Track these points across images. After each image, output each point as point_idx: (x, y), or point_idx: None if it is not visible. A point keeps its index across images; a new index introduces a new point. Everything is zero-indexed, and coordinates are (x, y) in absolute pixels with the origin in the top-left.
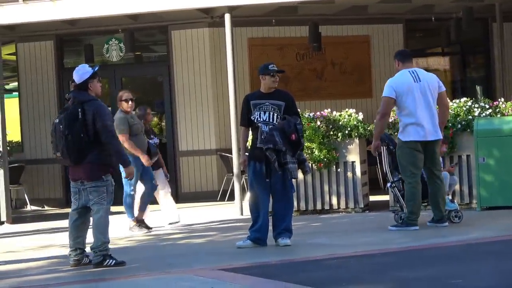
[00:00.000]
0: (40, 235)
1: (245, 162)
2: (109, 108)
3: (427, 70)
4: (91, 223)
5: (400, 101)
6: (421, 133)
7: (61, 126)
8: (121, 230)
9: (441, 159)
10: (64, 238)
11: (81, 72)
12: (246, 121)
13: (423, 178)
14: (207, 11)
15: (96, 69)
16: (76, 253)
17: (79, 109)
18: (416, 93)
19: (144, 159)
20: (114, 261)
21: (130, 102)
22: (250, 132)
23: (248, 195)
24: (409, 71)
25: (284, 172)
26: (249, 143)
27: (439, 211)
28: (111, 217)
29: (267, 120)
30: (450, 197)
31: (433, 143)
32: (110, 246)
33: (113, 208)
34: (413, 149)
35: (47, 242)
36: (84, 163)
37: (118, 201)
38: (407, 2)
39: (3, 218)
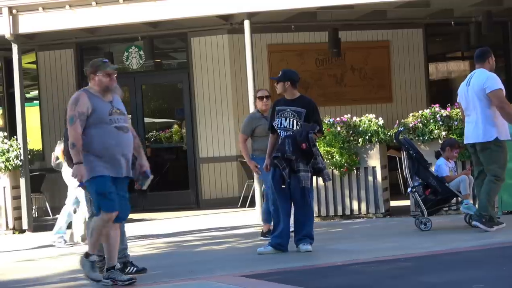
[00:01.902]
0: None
1: (267, 167)
2: (129, 116)
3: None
4: None
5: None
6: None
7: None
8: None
9: (453, 163)
10: (84, 246)
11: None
12: (271, 127)
13: (444, 185)
14: (226, 18)
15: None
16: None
17: None
18: None
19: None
20: (135, 268)
21: (264, 100)
22: None
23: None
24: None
25: (298, 180)
26: None
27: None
28: (131, 225)
29: (287, 126)
30: (471, 201)
31: None
32: (130, 253)
33: (135, 216)
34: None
35: (67, 250)
36: None
37: (139, 209)
38: (426, 7)
39: (25, 227)
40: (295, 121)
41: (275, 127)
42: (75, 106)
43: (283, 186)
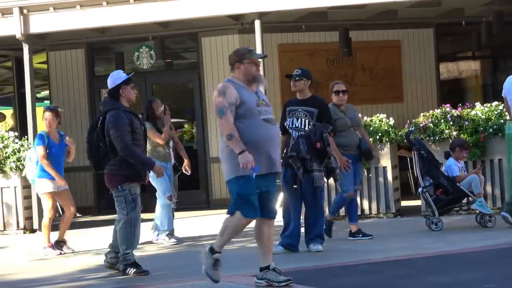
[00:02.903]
0: (71, 243)
1: None
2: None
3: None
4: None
5: None
6: None
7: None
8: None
9: (463, 163)
10: (94, 246)
11: (114, 77)
12: (282, 127)
13: (456, 185)
14: (237, 17)
15: (130, 76)
16: (110, 256)
17: (101, 118)
18: None
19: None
20: (134, 269)
21: (340, 94)
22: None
23: (279, 200)
24: None
25: (310, 179)
26: None
27: None
28: (141, 224)
29: (299, 126)
30: (482, 199)
31: None
32: (140, 253)
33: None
34: None
35: (78, 249)
36: (105, 172)
37: (150, 208)
38: (437, 7)
39: (36, 226)
40: (307, 121)
41: (287, 127)
42: (223, 96)
43: (294, 186)
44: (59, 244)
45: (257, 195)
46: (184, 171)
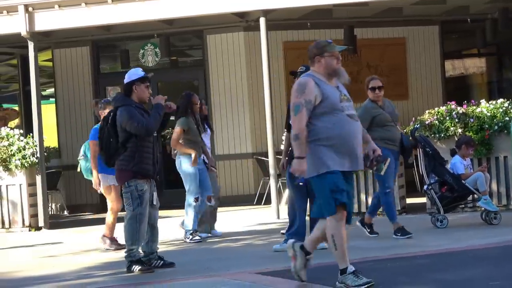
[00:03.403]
0: (77, 240)
1: (283, 166)
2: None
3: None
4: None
5: None
6: None
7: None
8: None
9: (469, 161)
10: (100, 243)
11: (131, 73)
12: (287, 125)
13: (461, 182)
14: (242, 15)
15: (147, 75)
16: (143, 255)
17: (111, 114)
18: None
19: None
20: (139, 267)
21: (376, 91)
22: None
23: (284, 198)
24: None
25: None
26: None
27: None
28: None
29: None
30: (488, 197)
31: None
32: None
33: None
34: None
35: (84, 247)
36: (116, 168)
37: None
38: (442, 4)
39: (41, 224)
40: None
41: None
42: (301, 93)
43: (300, 183)
44: (104, 239)
45: (346, 191)
46: (211, 168)
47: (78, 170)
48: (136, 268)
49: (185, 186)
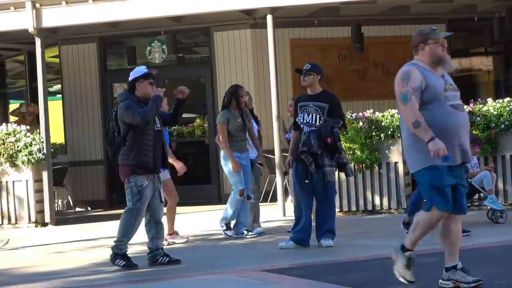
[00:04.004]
0: (83, 236)
1: (289, 164)
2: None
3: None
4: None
5: None
6: None
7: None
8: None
9: (475, 160)
10: (106, 240)
11: (135, 71)
12: (294, 123)
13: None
14: (249, 12)
15: (150, 72)
16: (149, 255)
17: (115, 109)
18: None
19: None
20: (124, 262)
21: None
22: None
23: (290, 196)
24: None
25: (322, 174)
26: None
27: None
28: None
29: (310, 122)
30: (494, 196)
31: None
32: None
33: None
34: None
35: (90, 243)
36: (119, 163)
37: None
38: (449, 2)
39: (47, 220)
40: (317, 116)
41: (298, 122)
42: (406, 81)
43: (306, 181)
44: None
45: (449, 187)
46: (257, 164)
47: None
48: (121, 262)
49: (230, 180)
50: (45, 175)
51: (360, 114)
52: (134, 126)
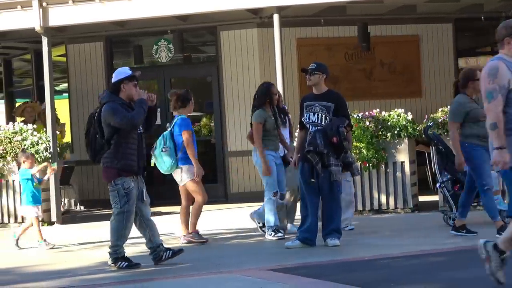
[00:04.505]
0: (90, 235)
1: (295, 163)
2: (158, 109)
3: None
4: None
5: None
6: None
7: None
8: (174, 230)
9: None
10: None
11: (119, 72)
12: (300, 123)
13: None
14: (255, 11)
15: (134, 73)
16: (153, 254)
17: (98, 110)
18: None
19: None
20: (126, 263)
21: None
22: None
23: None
24: None
25: (328, 174)
26: None
27: None
28: (160, 218)
29: (316, 121)
30: (499, 196)
31: None
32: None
33: (163, 209)
34: None
35: (96, 242)
36: (102, 166)
37: (167, 202)
38: (455, 2)
39: (54, 219)
40: (323, 115)
41: (304, 122)
42: (493, 78)
43: (312, 180)
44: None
45: None
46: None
47: (152, 164)
48: (124, 264)
49: (263, 181)
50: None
51: (367, 113)
52: (119, 129)
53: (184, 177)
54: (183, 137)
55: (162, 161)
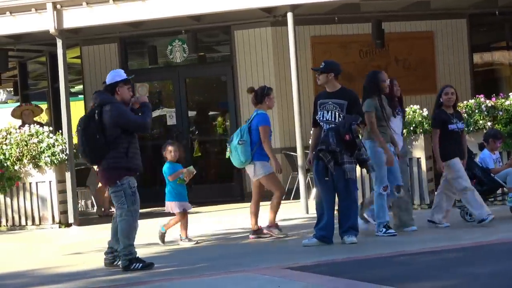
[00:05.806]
0: (107, 237)
1: (310, 161)
2: (173, 109)
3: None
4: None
5: None
6: None
7: (79, 127)
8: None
9: (498, 154)
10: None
11: (114, 74)
12: (313, 121)
13: (490, 175)
14: (269, 10)
15: (129, 77)
16: (109, 255)
17: (97, 111)
18: None
19: None
20: (141, 264)
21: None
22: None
23: (313, 193)
24: None
25: (342, 172)
26: None
27: None
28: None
29: (330, 119)
30: None
31: None
32: (177, 246)
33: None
34: None
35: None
36: (101, 168)
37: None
38: None
39: (71, 220)
40: (337, 113)
41: (318, 120)
42: None
43: (326, 178)
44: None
45: None
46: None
47: (227, 156)
48: (138, 265)
49: (375, 174)
50: (68, 175)
51: None
52: (126, 130)
53: (258, 172)
54: (260, 132)
55: (237, 154)
